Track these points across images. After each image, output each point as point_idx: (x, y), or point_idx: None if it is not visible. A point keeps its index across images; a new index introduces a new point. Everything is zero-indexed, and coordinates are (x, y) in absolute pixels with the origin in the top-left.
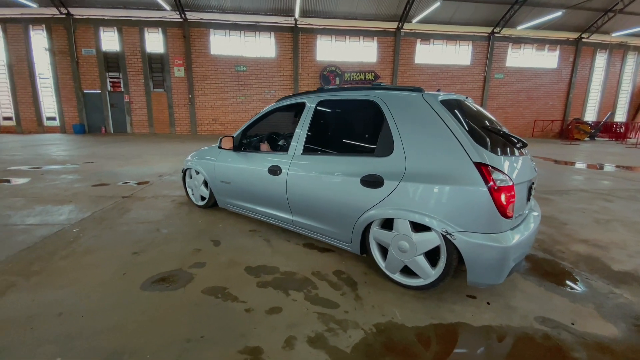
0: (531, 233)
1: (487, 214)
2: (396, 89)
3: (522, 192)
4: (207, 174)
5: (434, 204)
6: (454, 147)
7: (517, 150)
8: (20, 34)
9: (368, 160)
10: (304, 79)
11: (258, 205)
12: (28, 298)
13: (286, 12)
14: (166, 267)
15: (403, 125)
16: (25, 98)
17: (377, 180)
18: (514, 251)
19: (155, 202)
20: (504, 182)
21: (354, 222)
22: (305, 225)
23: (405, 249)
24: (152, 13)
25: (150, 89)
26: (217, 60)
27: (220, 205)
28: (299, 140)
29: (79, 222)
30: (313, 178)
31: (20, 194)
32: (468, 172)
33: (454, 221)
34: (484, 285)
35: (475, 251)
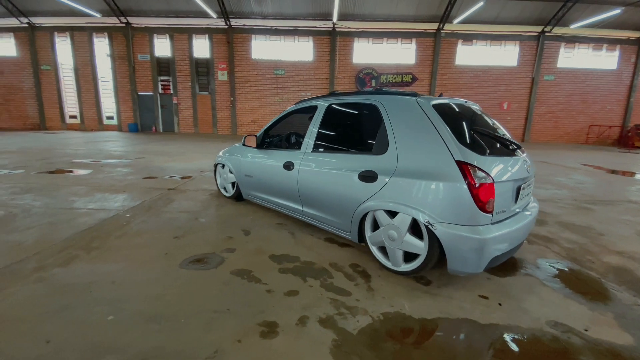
0: (518, 229)
1: (467, 208)
2: (395, 94)
3: (507, 190)
4: (234, 168)
5: (419, 198)
6: (440, 146)
7: (509, 152)
8: (85, 41)
9: (366, 157)
10: (339, 81)
11: (274, 196)
12: (88, 268)
13: (324, 17)
14: (201, 251)
15: (397, 126)
16: (89, 99)
17: (372, 176)
18: (493, 243)
19: (195, 195)
20: (484, 180)
21: (352, 212)
22: (313, 215)
23: (393, 237)
24: (200, 21)
25: (196, 91)
26: (258, 64)
27: (244, 197)
28: (310, 139)
29: (130, 209)
30: (320, 173)
31: (83, 183)
32: (450, 169)
33: (436, 213)
34: (464, 273)
35: (454, 241)
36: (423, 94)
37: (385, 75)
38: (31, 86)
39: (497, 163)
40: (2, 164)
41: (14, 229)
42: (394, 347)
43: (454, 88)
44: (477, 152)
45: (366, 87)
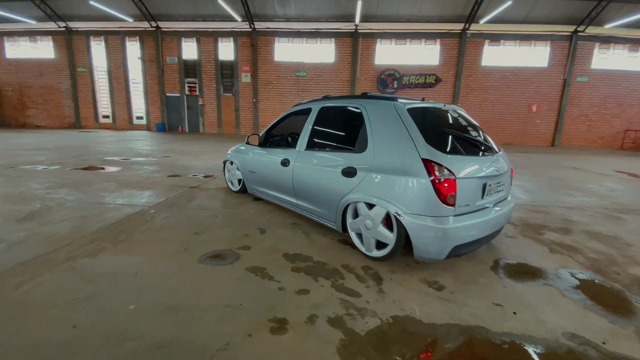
0: (482, 222)
1: (430, 201)
2: (376, 98)
3: (471, 186)
4: (240, 165)
5: (390, 191)
6: (409, 145)
7: (477, 152)
8: (118, 45)
9: (349, 155)
10: (361, 83)
11: (273, 190)
12: (113, 260)
13: (347, 18)
14: (219, 247)
15: (375, 127)
16: (120, 100)
17: (352, 171)
18: (454, 233)
19: (216, 193)
20: (446, 176)
21: (337, 204)
22: (305, 208)
23: (369, 227)
24: (225, 24)
25: (220, 93)
26: (280, 66)
27: (249, 191)
28: (304, 138)
29: (155, 205)
30: (311, 169)
31: (113, 180)
32: (417, 166)
33: (404, 205)
34: (428, 259)
35: (418, 230)
36: (405, 99)
37: (407, 77)
38: (68, 87)
39: (462, 161)
40: (40, 160)
41: (49, 221)
42: (401, 350)
43: (479, 90)
44: (443, 151)
45: (388, 89)
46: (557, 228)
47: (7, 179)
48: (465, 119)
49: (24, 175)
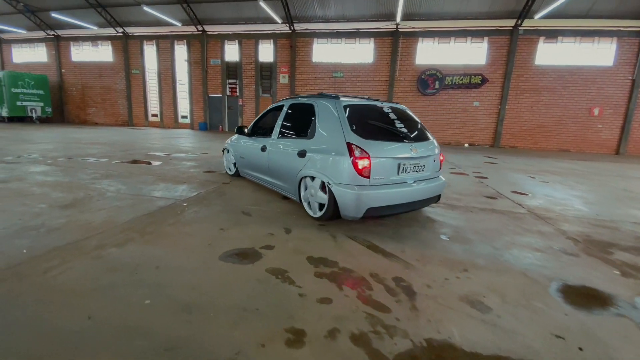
0: (395, 192)
1: (350, 173)
2: (324, 97)
3: (385, 164)
4: (234, 152)
5: (325, 167)
6: (339, 132)
7: (396, 139)
8: (168, 48)
9: (304, 141)
10: (399, 83)
11: (256, 172)
12: (139, 251)
13: (387, 17)
14: (242, 245)
15: (320, 118)
16: (168, 100)
17: (303, 153)
18: (367, 198)
19: (247, 190)
20: (362, 155)
21: (294, 179)
22: (276, 185)
23: (312, 194)
24: (265, 26)
25: (259, 94)
26: (317, 67)
27: (241, 174)
28: (276, 129)
29: (187, 199)
30: (279, 152)
31: (152, 173)
32: (342, 148)
33: (332, 177)
34: (350, 217)
35: (341, 195)
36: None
37: (451, 77)
38: (123, 88)
39: (378, 145)
40: (92, 153)
41: (88, 209)
42: None
43: (531, 91)
44: (363, 137)
45: (429, 89)
46: (629, 247)
47: (61, 169)
48: (400, 115)
49: (75, 166)
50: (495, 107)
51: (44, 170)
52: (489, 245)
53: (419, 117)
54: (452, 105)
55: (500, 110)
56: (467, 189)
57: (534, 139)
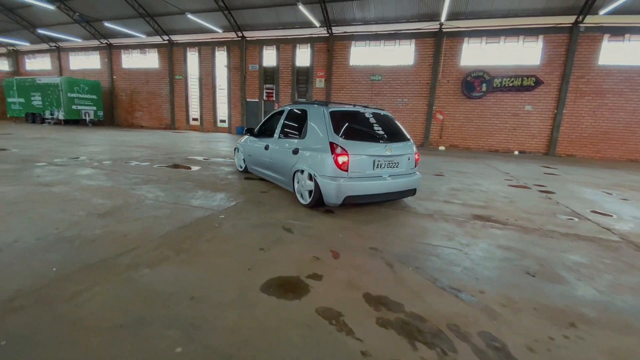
0: (369, 184)
1: (332, 167)
2: (316, 104)
3: (362, 160)
4: (243, 151)
5: (312, 162)
6: (324, 134)
7: (372, 139)
8: (209, 54)
9: (297, 140)
10: (442, 86)
11: (261, 168)
12: (173, 273)
13: (431, 17)
14: (286, 271)
15: (311, 122)
16: (208, 104)
17: (297, 151)
18: (345, 188)
19: (286, 201)
20: (341, 152)
21: (290, 173)
22: (277, 179)
23: (303, 184)
24: (303, 31)
25: (295, 98)
26: (355, 70)
27: (249, 170)
28: (278, 130)
29: (225, 209)
30: (279, 150)
31: (191, 179)
32: (326, 146)
33: (318, 171)
34: (332, 204)
35: (324, 185)
36: (337, 105)
37: (500, 79)
38: (167, 93)
39: (356, 144)
40: (135, 156)
41: (125, 218)
42: None
43: (594, 94)
44: (343, 137)
45: (475, 92)
46: None
47: (105, 172)
48: (381, 120)
49: (118, 170)
50: (551, 111)
51: (88, 173)
52: (591, 287)
53: (463, 121)
54: (500, 110)
55: (557, 115)
56: (536, 207)
57: (596, 147)
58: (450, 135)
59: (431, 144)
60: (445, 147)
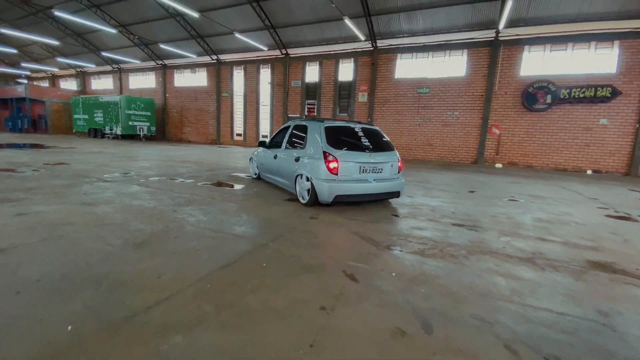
0: (356, 186)
1: (325, 172)
2: (314, 120)
3: (350, 166)
4: (256, 160)
5: (309, 167)
6: (319, 145)
7: (359, 149)
8: (254, 72)
9: (299, 150)
10: (499, 98)
11: (271, 174)
12: (211, 347)
13: (486, 26)
14: (361, 354)
15: (309, 135)
16: (251, 120)
17: (298, 159)
18: (335, 188)
19: (339, 233)
20: (332, 159)
21: (292, 177)
22: (283, 183)
23: (302, 185)
24: (346, 45)
25: (336, 113)
26: (400, 83)
27: (262, 177)
28: (285, 142)
29: (272, 240)
30: (284, 159)
31: (234, 200)
32: (320, 154)
33: (313, 174)
34: (324, 202)
35: (318, 186)
36: (332, 121)
37: (567, 89)
38: (214, 109)
39: (344, 153)
40: (181, 172)
41: (162, 250)
42: None
43: None
44: (334, 147)
45: (538, 104)
46: None
47: (149, 191)
48: (369, 133)
49: (163, 188)
50: (631, 125)
51: (133, 191)
52: None
53: (524, 137)
54: (569, 123)
55: (639, 129)
56: None
57: None
58: (509, 152)
59: (486, 161)
60: (503, 165)
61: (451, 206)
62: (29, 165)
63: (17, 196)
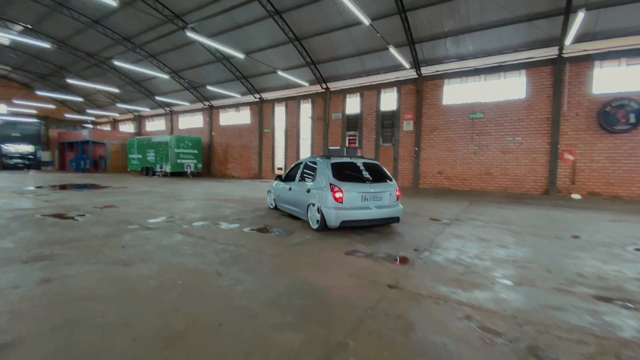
0: (360, 212)
1: (332, 201)
2: (322, 157)
3: (353, 195)
4: (274, 192)
5: (318, 197)
6: (327, 177)
7: (361, 180)
8: (294, 107)
9: (310, 183)
10: (569, 120)
11: (286, 204)
12: None
13: (546, 43)
14: None
15: (319, 169)
16: (292, 154)
17: (309, 190)
18: (341, 215)
19: (450, 316)
20: (338, 189)
21: (305, 206)
22: (297, 212)
23: (313, 213)
24: (388, 75)
25: (379, 143)
26: (449, 110)
27: (278, 207)
28: (297, 175)
29: (350, 333)
30: (298, 191)
31: (284, 254)
32: (327, 186)
33: (322, 203)
34: (331, 227)
35: (326, 213)
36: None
37: None
38: (256, 145)
39: (348, 185)
40: (225, 215)
41: (200, 349)
42: None
43: None
44: (339, 179)
45: (619, 125)
46: None
47: (191, 242)
48: (369, 167)
49: (206, 237)
50: None
51: (175, 243)
52: None
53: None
54: None
55: None
56: None
57: None
58: (588, 181)
59: (560, 192)
60: (582, 196)
61: (570, 264)
62: (77, 209)
63: (51, 252)
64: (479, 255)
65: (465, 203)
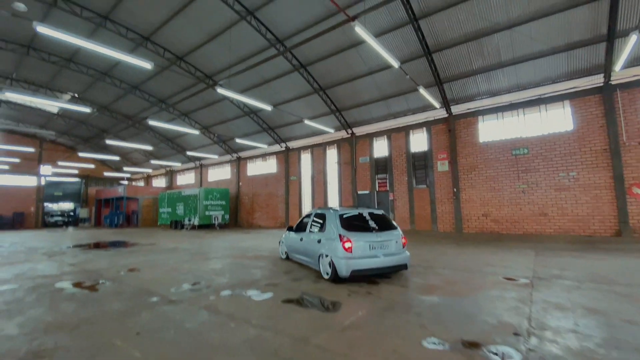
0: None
1: (341, 251)
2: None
3: (362, 245)
4: (285, 243)
5: (328, 248)
6: (336, 228)
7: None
8: (320, 154)
9: (320, 233)
10: (630, 150)
11: (298, 254)
12: None
13: (589, 72)
14: None
15: (328, 220)
16: (319, 200)
17: (320, 240)
18: (351, 264)
19: None
20: (347, 240)
21: (316, 256)
22: (308, 262)
23: (324, 265)
24: (416, 117)
25: (412, 185)
26: (487, 147)
27: (290, 257)
28: (308, 227)
29: None
30: (309, 241)
31: (330, 348)
32: (337, 237)
33: (332, 253)
34: (343, 276)
35: (337, 262)
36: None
37: None
38: (283, 193)
39: (357, 235)
40: (255, 279)
41: None
42: None
43: None
44: (348, 230)
45: None
46: None
47: (218, 322)
48: (375, 217)
49: (237, 315)
50: None
51: (199, 325)
52: None
53: None
54: None
55: None
56: None
57: None
58: None
59: (635, 232)
60: None
61: None
62: (100, 274)
63: (55, 344)
64: (609, 340)
65: (530, 252)
